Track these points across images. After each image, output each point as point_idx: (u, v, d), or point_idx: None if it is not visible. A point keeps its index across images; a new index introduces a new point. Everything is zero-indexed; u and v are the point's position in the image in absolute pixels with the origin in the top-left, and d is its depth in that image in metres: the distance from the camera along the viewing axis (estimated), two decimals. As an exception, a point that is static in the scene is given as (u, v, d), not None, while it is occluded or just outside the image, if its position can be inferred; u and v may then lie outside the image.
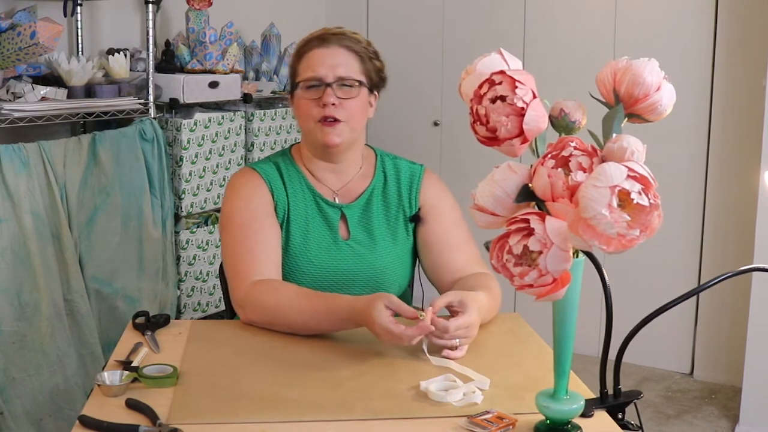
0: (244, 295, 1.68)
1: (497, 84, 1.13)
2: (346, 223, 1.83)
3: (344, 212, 1.83)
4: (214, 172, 3.16)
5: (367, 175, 1.88)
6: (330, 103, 1.75)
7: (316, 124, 1.77)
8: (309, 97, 1.77)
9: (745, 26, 3.38)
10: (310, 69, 1.77)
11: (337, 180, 1.85)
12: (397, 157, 1.94)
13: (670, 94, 1.15)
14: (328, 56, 1.78)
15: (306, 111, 1.78)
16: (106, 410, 1.29)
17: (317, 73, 1.76)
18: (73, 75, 2.73)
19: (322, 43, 1.79)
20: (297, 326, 1.62)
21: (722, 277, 1.30)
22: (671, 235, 3.55)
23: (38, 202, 2.55)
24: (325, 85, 1.75)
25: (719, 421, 3.24)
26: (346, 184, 1.86)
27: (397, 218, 1.86)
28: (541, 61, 3.76)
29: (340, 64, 1.77)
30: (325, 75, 1.76)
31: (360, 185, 1.87)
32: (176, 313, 3.12)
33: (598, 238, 1.03)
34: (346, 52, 1.79)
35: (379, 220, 1.85)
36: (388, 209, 1.86)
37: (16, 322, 2.50)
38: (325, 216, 1.82)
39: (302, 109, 1.79)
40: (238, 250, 1.74)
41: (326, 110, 1.75)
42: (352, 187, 1.86)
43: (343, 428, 1.27)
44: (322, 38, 1.80)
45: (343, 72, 1.77)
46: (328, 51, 1.78)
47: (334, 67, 1.77)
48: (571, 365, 1.25)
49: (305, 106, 1.78)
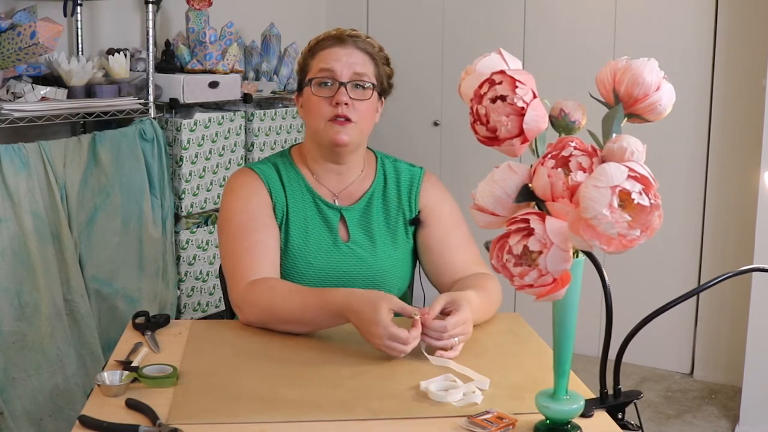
0: (241, 296, 1.67)
1: (497, 84, 1.13)
2: (345, 225, 1.83)
3: (343, 214, 1.83)
4: (214, 172, 3.16)
5: (368, 177, 1.88)
6: (343, 102, 1.73)
7: (327, 123, 1.75)
8: (321, 95, 1.75)
9: (745, 26, 3.38)
10: (325, 64, 1.75)
11: (339, 182, 1.85)
12: (397, 159, 1.94)
13: (670, 93, 1.15)
14: (344, 55, 1.76)
15: (317, 109, 1.75)
16: (106, 410, 1.29)
17: (332, 69, 1.74)
18: (73, 75, 2.73)
19: (338, 42, 1.77)
20: (291, 322, 1.61)
21: (722, 277, 1.30)
22: (671, 235, 3.55)
23: (38, 202, 2.55)
24: (339, 83, 1.74)
25: (719, 421, 3.24)
26: (347, 187, 1.85)
27: (397, 221, 1.86)
28: (541, 61, 3.76)
29: (356, 63, 1.76)
30: (341, 73, 1.74)
31: (360, 188, 1.86)
32: (176, 313, 3.12)
33: (598, 239, 1.03)
34: (361, 53, 1.78)
35: (379, 222, 1.85)
36: (388, 212, 1.86)
37: (16, 322, 2.50)
38: (325, 218, 1.82)
39: (313, 106, 1.76)
40: (235, 250, 1.73)
41: (339, 109, 1.73)
42: (353, 190, 1.86)
43: (343, 428, 1.27)
44: (339, 37, 1.78)
45: (359, 70, 1.75)
46: (344, 50, 1.76)
47: (350, 66, 1.75)
48: (571, 365, 1.25)
49: (316, 104, 1.75)
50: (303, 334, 1.63)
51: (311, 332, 1.63)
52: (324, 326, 1.62)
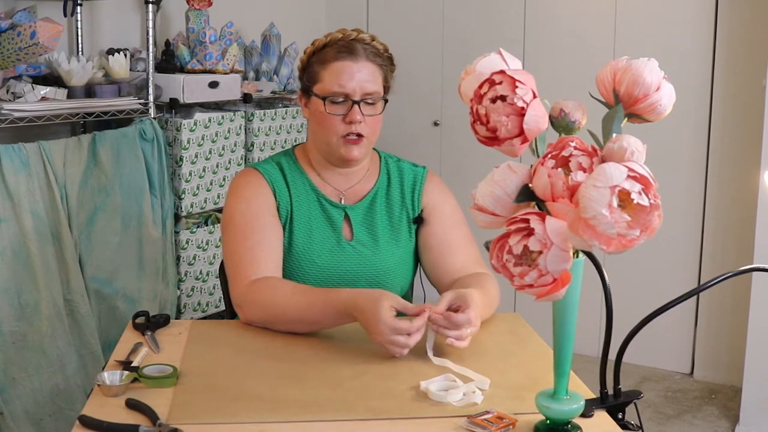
0: (242, 295, 1.68)
1: (497, 84, 1.13)
2: (349, 223, 1.83)
3: (348, 213, 1.83)
4: (214, 172, 3.16)
5: (372, 176, 1.89)
6: (358, 121, 1.75)
7: (339, 139, 1.77)
8: (334, 112, 1.76)
9: (745, 26, 3.38)
10: (338, 84, 1.75)
11: (345, 182, 1.86)
12: (401, 159, 1.95)
13: (670, 94, 1.15)
14: (356, 71, 1.75)
15: (330, 126, 1.76)
16: (106, 410, 1.29)
17: (345, 89, 1.75)
18: (73, 75, 2.73)
19: (350, 56, 1.76)
20: (294, 322, 1.62)
21: (722, 277, 1.30)
22: (671, 235, 3.55)
23: (38, 202, 2.55)
24: (352, 102, 1.75)
25: (719, 421, 3.24)
26: (353, 186, 1.86)
27: (400, 220, 1.87)
28: (541, 61, 3.76)
29: (368, 80, 1.76)
30: (353, 92, 1.75)
31: (364, 187, 1.87)
32: (176, 313, 3.12)
33: (598, 239, 1.03)
34: (372, 66, 1.78)
35: (383, 221, 1.85)
36: (392, 211, 1.87)
37: (16, 322, 2.50)
38: (329, 217, 1.82)
39: (326, 123, 1.77)
40: (238, 250, 1.74)
41: (352, 127, 1.75)
42: (357, 189, 1.87)
43: (343, 428, 1.27)
44: (351, 49, 1.76)
45: (369, 89, 1.76)
46: (356, 65, 1.75)
47: (362, 84, 1.75)
48: (571, 365, 1.25)
49: (330, 121, 1.76)
50: (303, 334, 1.63)
51: (312, 332, 1.63)
52: (327, 325, 1.62)
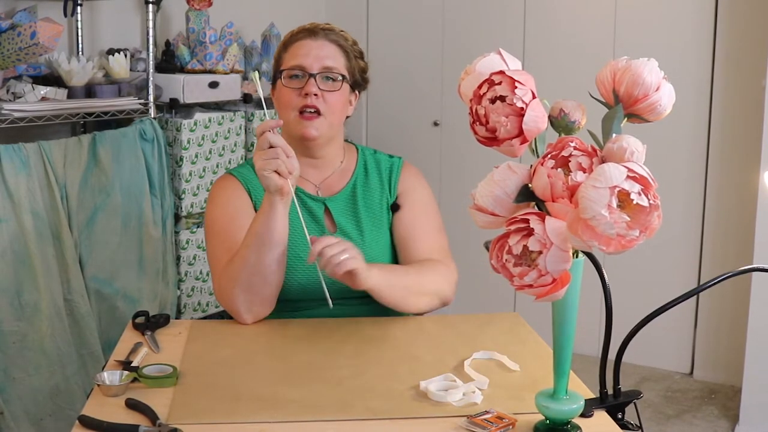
0: (220, 287, 1.71)
1: (497, 84, 1.13)
2: (330, 216, 1.84)
3: (327, 205, 1.84)
4: (214, 172, 3.16)
5: (348, 169, 1.90)
6: (312, 93, 1.75)
7: (296, 116, 1.78)
8: (291, 86, 1.78)
9: (745, 26, 3.38)
10: (295, 58, 1.79)
11: (318, 174, 1.87)
12: (377, 151, 1.97)
13: (670, 94, 1.15)
14: (315, 48, 1.79)
15: (287, 100, 1.79)
16: (106, 410, 1.29)
17: (302, 62, 1.78)
18: (73, 75, 2.73)
19: (309, 35, 1.81)
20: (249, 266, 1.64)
21: (722, 277, 1.30)
22: (671, 236, 3.55)
23: (38, 202, 2.55)
24: (308, 75, 1.77)
25: (719, 421, 3.24)
26: (327, 178, 1.87)
27: (381, 208, 1.88)
28: (541, 61, 3.76)
29: (327, 56, 1.79)
30: (310, 65, 1.77)
31: (341, 179, 1.88)
32: (176, 313, 3.12)
33: (597, 239, 1.03)
34: (333, 46, 1.81)
35: (365, 211, 1.86)
36: (372, 199, 1.88)
37: (16, 322, 2.50)
38: (309, 210, 1.83)
39: (283, 98, 1.80)
40: (217, 255, 1.76)
41: (307, 100, 1.76)
42: (334, 181, 1.88)
43: (343, 428, 1.27)
44: (311, 30, 1.82)
45: (329, 63, 1.78)
46: (315, 43, 1.80)
47: (320, 59, 1.78)
48: (571, 365, 1.25)
49: (286, 95, 1.79)
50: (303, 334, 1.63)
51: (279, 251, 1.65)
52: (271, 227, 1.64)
